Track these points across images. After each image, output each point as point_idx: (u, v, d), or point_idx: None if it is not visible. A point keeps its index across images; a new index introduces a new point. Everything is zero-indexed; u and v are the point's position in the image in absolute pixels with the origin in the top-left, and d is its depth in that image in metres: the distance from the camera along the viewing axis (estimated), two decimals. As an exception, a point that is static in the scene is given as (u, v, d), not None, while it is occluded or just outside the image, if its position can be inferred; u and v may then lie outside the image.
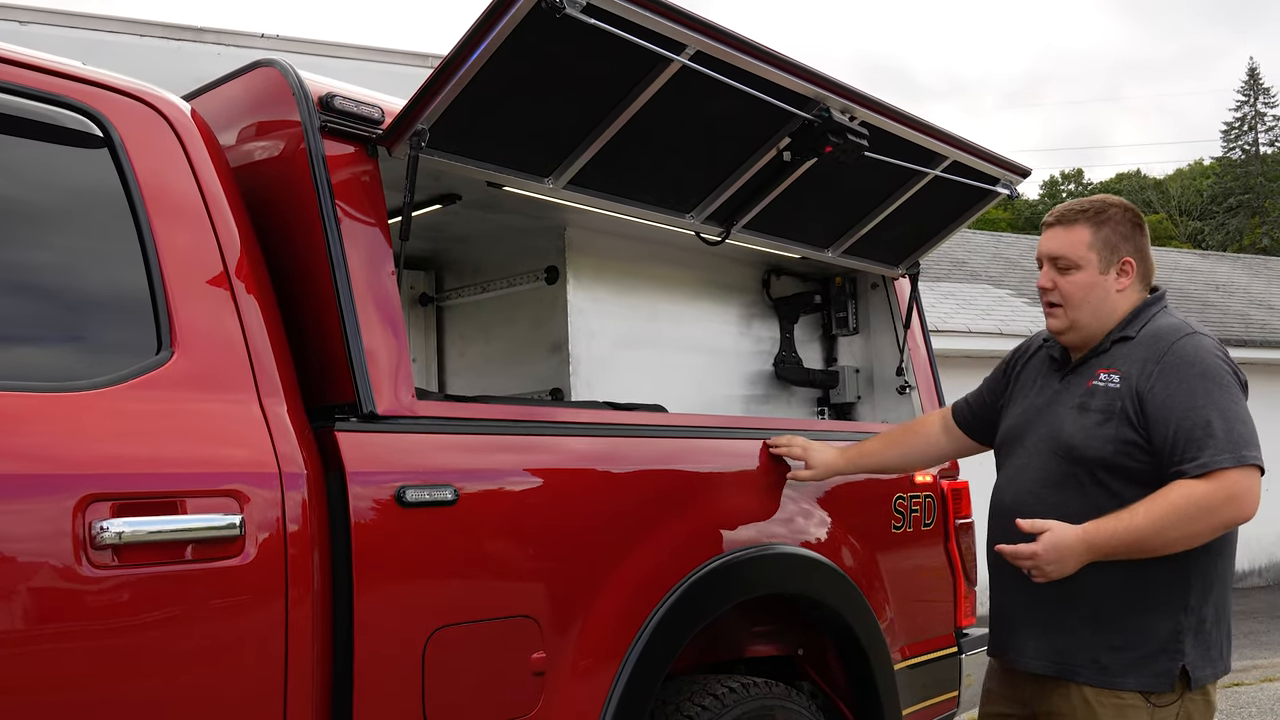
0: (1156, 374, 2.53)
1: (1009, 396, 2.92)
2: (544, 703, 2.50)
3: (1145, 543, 2.42)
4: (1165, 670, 2.50)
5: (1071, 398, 2.66)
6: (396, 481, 2.29)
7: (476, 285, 3.91)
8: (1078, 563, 2.43)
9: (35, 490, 1.86)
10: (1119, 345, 2.65)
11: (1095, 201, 2.73)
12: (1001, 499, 2.75)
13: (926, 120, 3.30)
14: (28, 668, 1.81)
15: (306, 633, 2.12)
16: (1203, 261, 19.19)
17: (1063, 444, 2.61)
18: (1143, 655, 2.51)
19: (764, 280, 4.15)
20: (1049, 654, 2.62)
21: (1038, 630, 2.64)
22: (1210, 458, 2.41)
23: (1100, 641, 2.54)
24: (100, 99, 2.19)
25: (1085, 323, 2.68)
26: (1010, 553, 2.46)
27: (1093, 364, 2.68)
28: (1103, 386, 2.60)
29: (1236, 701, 7.29)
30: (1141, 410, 2.52)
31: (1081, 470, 2.57)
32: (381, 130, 2.52)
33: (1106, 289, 2.67)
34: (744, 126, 3.01)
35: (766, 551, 3.05)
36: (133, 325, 2.12)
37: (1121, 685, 2.52)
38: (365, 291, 2.41)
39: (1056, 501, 2.58)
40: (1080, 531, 2.42)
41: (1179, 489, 2.42)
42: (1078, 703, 2.56)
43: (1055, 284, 2.70)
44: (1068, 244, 2.68)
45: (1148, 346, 2.60)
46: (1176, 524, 2.40)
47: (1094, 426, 2.57)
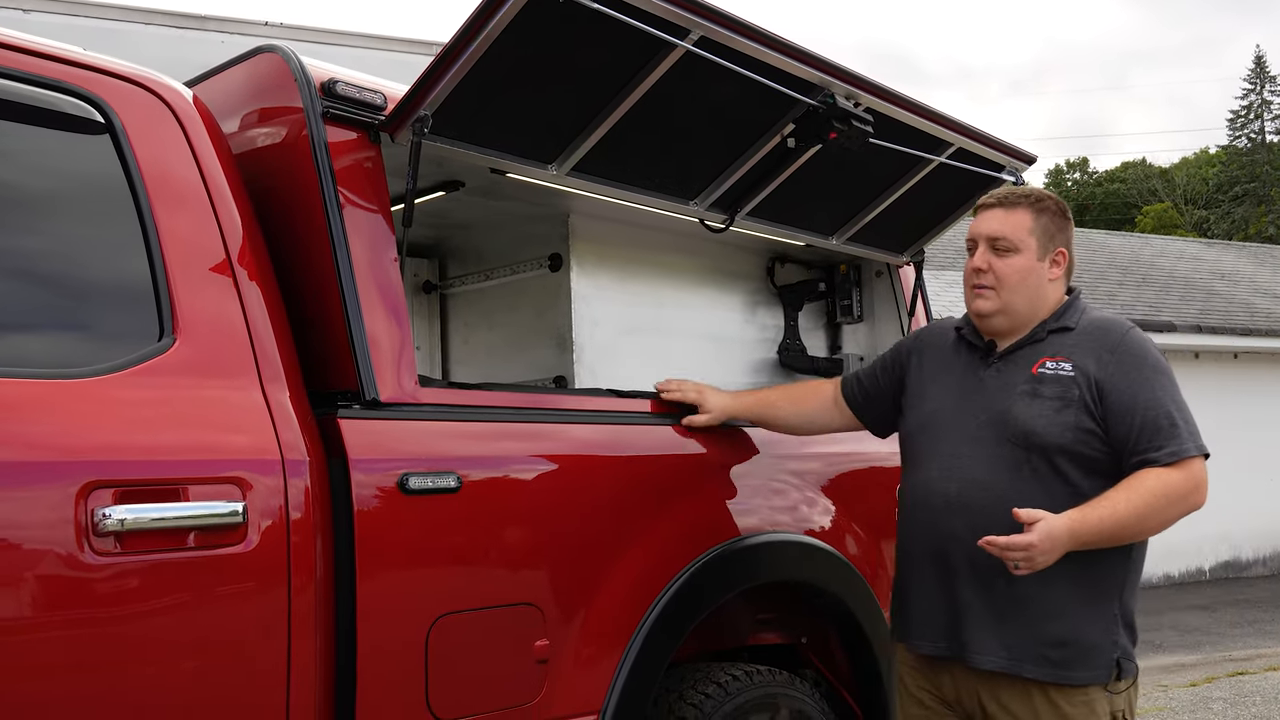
0: (1115, 365, 2.54)
1: (914, 385, 2.84)
2: (547, 690, 2.50)
3: (1126, 530, 2.44)
4: (1107, 662, 2.52)
5: (1013, 384, 2.61)
6: (399, 469, 2.28)
7: (480, 273, 3.90)
8: (1061, 553, 2.39)
9: (38, 477, 1.86)
10: (1057, 335, 2.64)
11: (1033, 190, 2.75)
12: (941, 489, 2.63)
13: (932, 106, 3.28)
14: (31, 655, 1.81)
15: (309, 620, 2.12)
16: (1208, 250, 19.14)
17: (1017, 430, 2.55)
18: (1090, 647, 2.51)
19: (768, 268, 4.14)
20: (990, 647, 2.55)
21: (988, 626, 2.55)
22: (1179, 446, 2.46)
23: (1051, 635, 2.51)
24: (102, 85, 2.18)
25: (1017, 308, 2.65)
26: (1004, 544, 2.35)
27: (1028, 352, 2.64)
28: (1052, 374, 2.57)
29: (1241, 690, 7.29)
30: (1101, 400, 2.52)
31: (1038, 457, 2.53)
32: (384, 116, 2.51)
33: (1040, 276, 2.67)
34: (748, 112, 3.00)
35: (770, 539, 3.04)
36: (135, 312, 2.12)
37: (1080, 680, 2.50)
38: (368, 278, 2.40)
39: (1012, 490, 2.51)
40: (1068, 520, 2.38)
41: (1154, 476, 2.44)
42: (1042, 705, 2.51)
43: (991, 265, 2.66)
44: (1010, 226, 2.66)
45: (1095, 338, 2.60)
46: (1156, 511, 2.43)
47: (1052, 413, 2.53)
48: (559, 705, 2.53)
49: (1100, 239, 18.52)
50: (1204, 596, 11.83)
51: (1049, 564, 2.38)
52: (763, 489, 3.13)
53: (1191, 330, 12.81)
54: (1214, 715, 6.61)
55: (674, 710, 2.85)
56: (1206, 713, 6.68)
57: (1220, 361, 13.44)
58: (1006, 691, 2.55)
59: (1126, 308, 13.23)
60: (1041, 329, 2.65)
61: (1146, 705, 6.91)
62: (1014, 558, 2.36)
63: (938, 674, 2.70)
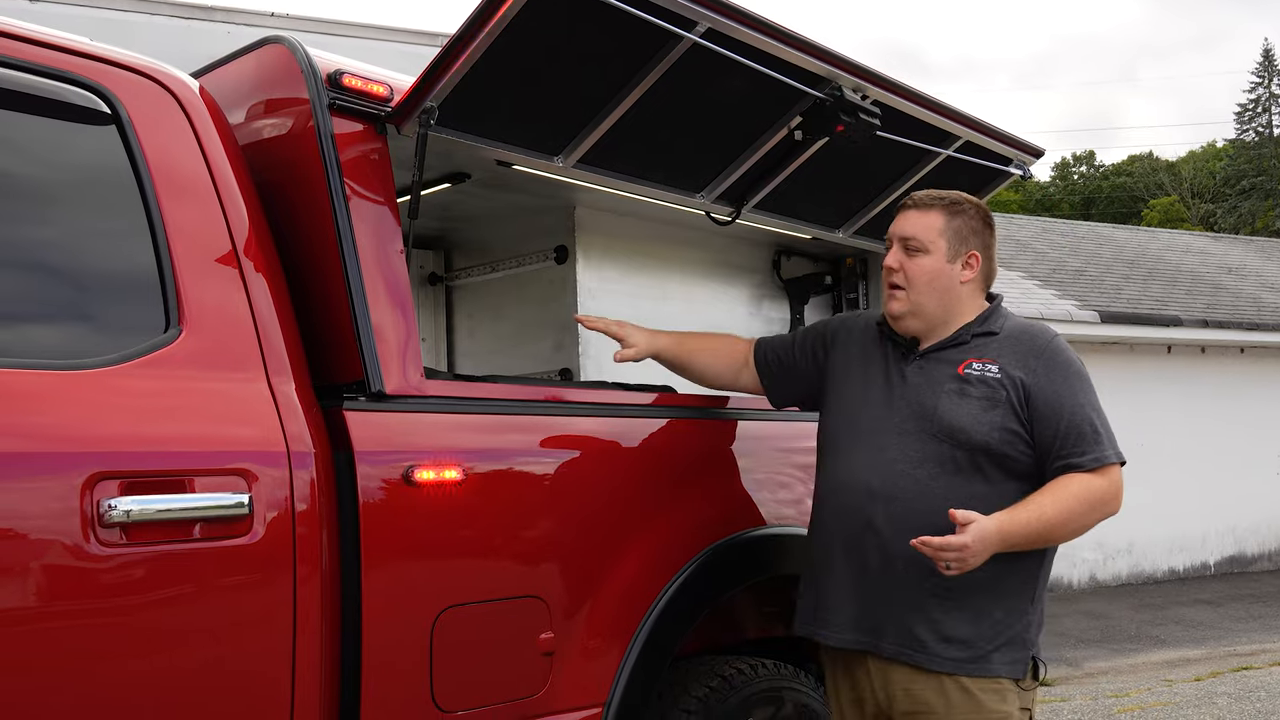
0: (1041, 370, 2.58)
1: (835, 375, 2.84)
2: (552, 683, 2.50)
3: (1050, 533, 2.49)
4: (1022, 659, 2.57)
5: (938, 382, 2.63)
6: (405, 461, 2.28)
7: (486, 265, 3.89)
8: (990, 554, 2.42)
9: (44, 468, 1.86)
10: (981, 339, 2.67)
11: (953, 194, 2.77)
12: (863, 480, 2.63)
13: (939, 99, 3.27)
14: (37, 644, 1.81)
15: (314, 612, 2.12)
16: (1215, 244, 19.08)
17: (943, 427, 2.57)
18: (1005, 643, 2.54)
19: (774, 261, 4.13)
20: (904, 640, 2.56)
21: (902, 619, 2.57)
22: (1101, 453, 2.53)
23: (967, 629, 2.53)
24: (108, 75, 2.18)
25: (927, 309, 2.67)
26: (939, 544, 2.37)
27: (953, 353, 2.66)
28: (979, 375, 2.60)
29: (1246, 685, 7.29)
30: (1027, 403, 2.55)
31: (963, 454, 2.55)
32: (390, 108, 2.51)
33: (951, 278, 2.68)
34: (755, 105, 2.99)
35: (775, 532, 3.04)
36: (141, 303, 2.12)
37: (995, 672, 2.53)
38: (374, 270, 2.40)
39: (936, 485, 2.55)
40: (996, 522, 2.41)
41: (1078, 482, 2.50)
42: (956, 695, 2.53)
43: (902, 265, 2.69)
44: (920, 227, 2.69)
45: (1020, 343, 2.64)
46: (1079, 515, 2.50)
47: (980, 412, 2.56)
48: (563, 698, 2.53)
49: (1107, 232, 18.48)
50: (1209, 591, 11.81)
51: (978, 564, 2.41)
52: (768, 482, 3.13)
53: (1198, 324, 12.77)
54: (1219, 710, 6.60)
55: (678, 704, 2.85)
56: (1211, 707, 6.67)
57: (1227, 356, 13.40)
58: (919, 683, 2.56)
59: (1133, 302, 13.19)
60: (965, 332, 2.68)
61: (1152, 700, 6.91)
62: (948, 558, 2.38)
63: (853, 669, 2.70)
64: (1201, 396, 12.85)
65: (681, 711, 2.84)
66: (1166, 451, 12.34)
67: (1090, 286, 13.65)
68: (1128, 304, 13.02)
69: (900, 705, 2.60)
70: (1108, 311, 12.26)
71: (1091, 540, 11.96)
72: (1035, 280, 13.47)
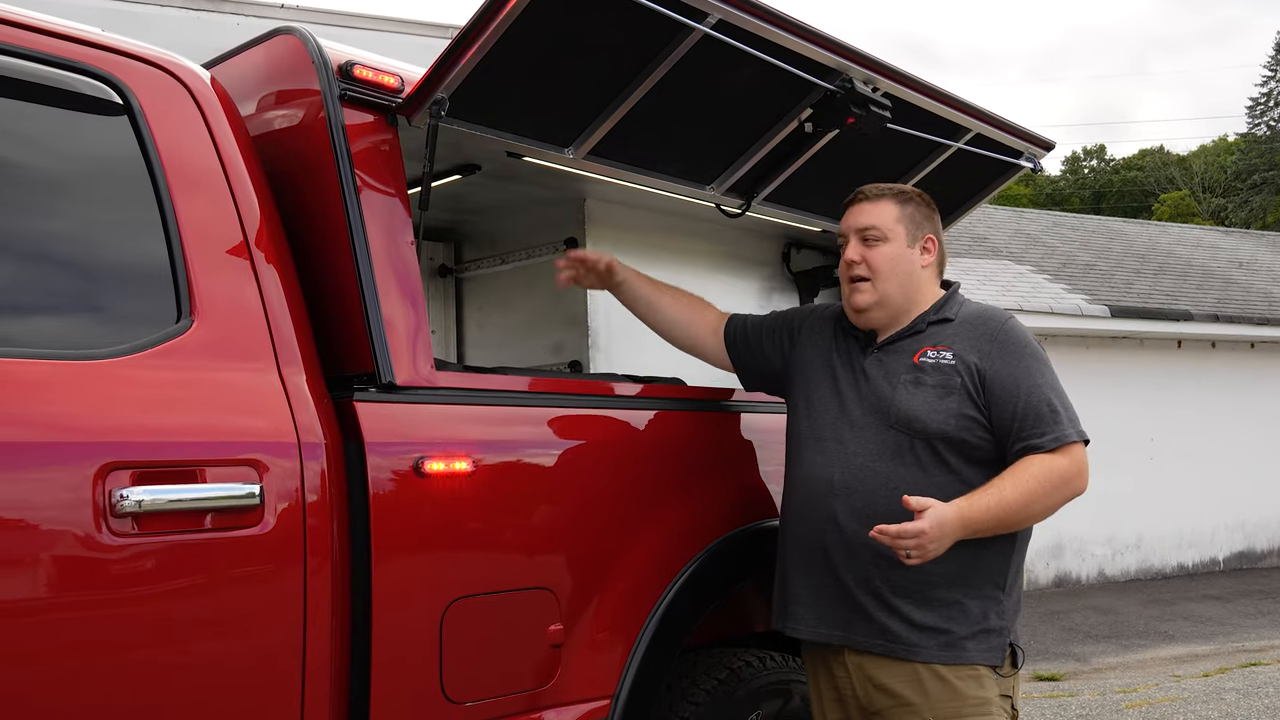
0: (996, 353, 2.58)
1: (797, 369, 2.84)
2: (561, 674, 2.51)
3: (1014, 516, 2.48)
4: (998, 645, 2.56)
5: (894, 374, 2.64)
6: (415, 452, 2.28)
7: (496, 257, 3.89)
8: (952, 541, 2.41)
9: (56, 458, 1.87)
10: (936, 327, 2.67)
11: (896, 185, 2.82)
12: (825, 474, 2.64)
13: (950, 92, 3.26)
14: (49, 634, 1.82)
15: (325, 602, 2.13)
16: (1226, 239, 19.01)
17: (899, 417, 2.58)
18: (978, 631, 2.54)
19: (784, 253, 4.13)
20: (874, 631, 2.56)
21: (870, 611, 2.57)
22: (1061, 432, 2.51)
23: (927, 620, 2.53)
24: (120, 66, 2.18)
25: (892, 298, 2.68)
26: (896, 533, 2.36)
27: (909, 343, 2.67)
28: (933, 363, 2.61)
29: (1254, 681, 7.27)
30: (983, 387, 2.56)
31: (921, 444, 2.56)
32: (401, 99, 2.50)
33: (913, 263, 2.71)
34: (765, 97, 2.99)
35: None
36: (152, 294, 2.12)
37: (971, 659, 2.53)
38: (384, 262, 2.40)
39: (896, 477, 2.55)
40: (956, 508, 2.41)
41: (1038, 463, 2.49)
42: (932, 684, 2.52)
43: (864, 257, 2.70)
44: (876, 216, 2.71)
45: (974, 327, 2.64)
46: (1041, 496, 2.48)
47: (935, 400, 2.56)
48: (572, 690, 2.53)
49: (1117, 227, 18.42)
50: (1218, 587, 11.78)
51: (940, 552, 2.40)
52: (775, 474, 3.12)
53: (1208, 319, 12.73)
54: (1227, 706, 6.59)
55: (687, 696, 2.85)
56: (1219, 703, 6.66)
57: (1237, 351, 13.36)
58: (895, 675, 2.55)
59: (1143, 296, 13.15)
60: (921, 320, 2.69)
61: (1160, 695, 6.90)
62: (905, 546, 2.37)
63: (830, 666, 2.70)
64: (1211, 392, 12.81)
65: (689, 703, 2.84)
66: (1176, 446, 12.32)
67: (1100, 281, 13.61)
68: (1138, 298, 12.98)
69: (877, 701, 2.59)
70: (1118, 306, 12.22)
71: (1100, 535, 11.96)
72: (1045, 274, 13.43)
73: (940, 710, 2.52)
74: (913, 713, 2.54)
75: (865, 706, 2.62)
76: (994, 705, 2.54)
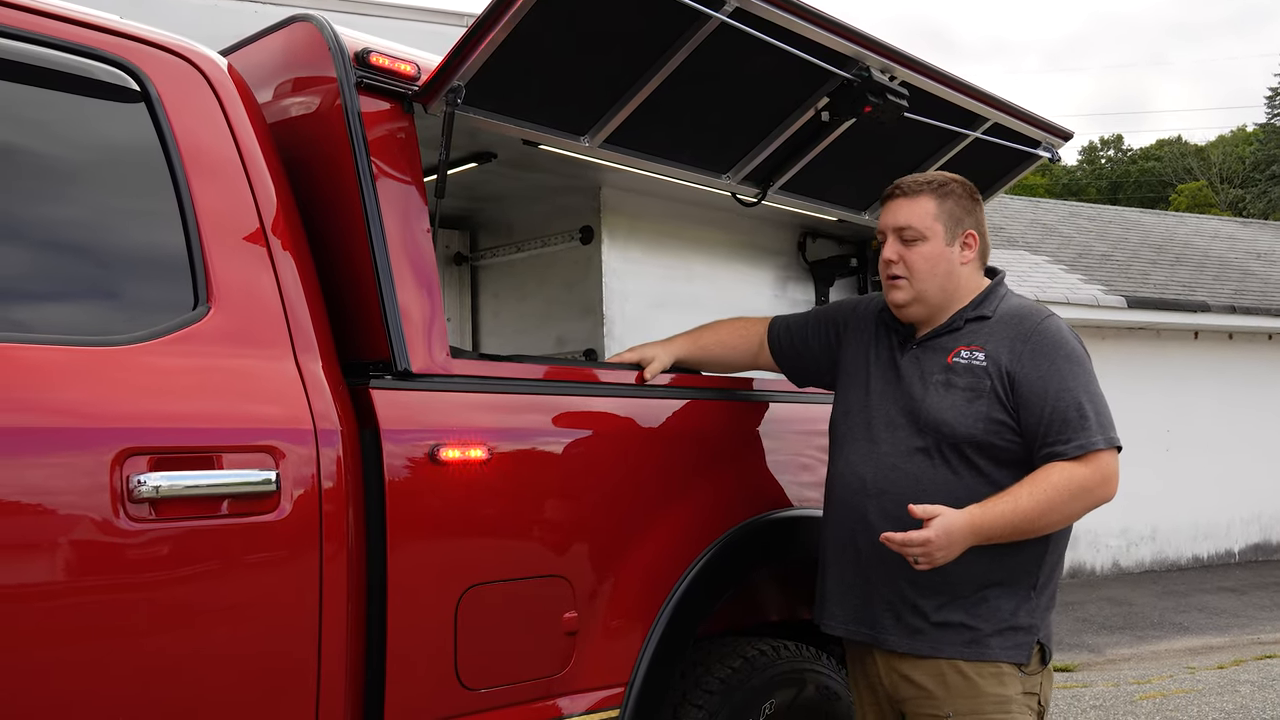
0: (1027, 355, 2.53)
1: (846, 360, 2.84)
2: (575, 662, 2.52)
3: (1029, 525, 2.44)
4: (1025, 643, 2.54)
5: (928, 374, 2.61)
6: (430, 440, 2.29)
7: (511, 245, 3.89)
8: (964, 547, 2.40)
9: (74, 444, 1.88)
10: (974, 324, 2.63)
11: (939, 176, 2.73)
12: (859, 472, 2.65)
13: (968, 81, 3.24)
14: (68, 619, 1.83)
15: (340, 589, 2.14)
16: (1244, 230, 18.89)
17: (929, 420, 2.56)
18: (1004, 628, 2.52)
19: (799, 243, 4.11)
20: (902, 630, 2.57)
21: (889, 606, 2.58)
22: (1086, 439, 2.46)
23: (954, 618, 2.52)
24: (138, 53, 2.18)
25: (931, 296, 2.65)
26: (901, 540, 2.38)
27: (946, 341, 2.64)
28: (965, 364, 2.57)
29: (1269, 674, 7.25)
30: (1012, 390, 2.52)
31: (949, 448, 2.54)
32: (418, 87, 2.50)
33: (952, 262, 2.66)
34: (782, 86, 2.98)
35: (797, 514, 3.04)
36: (169, 281, 2.13)
37: (993, 656, 2.51)
38: (400, 249, 2.40)
39: (926, 479, 2.54)
40: (968, 516, 2.39)
41: (1059, 471, 2.45)
42: (954, 679, 2.52)
43: (901, 256, 2.66)
44: (914, 214, 2.66)
45: (1010, 326, 2.59)
46: (1059, 505, 2.44)
47: (964, 404, 2.54)
48: (586, 677, 2.54)
49: (1134, 217, 18.33)
50: (1233, 579, 11.74)
51: (950, 559, 2.39)
52: (790, 464, 3.13)
53: (1226, 311, 12.66)
54: (1241, 698, 6.57)
55: (701, 684, 2.86)
56: (1234, 695, 6.64)
57: (1255, 342, 13.28)
58: (919, 668, 2.56)
59: (1160, 287, 13.09)
60: (959, 317, 2.65)
61: (1174, 687, 6.89)
62: (912, 553, 2.38)
63: (863, 657, 2.72)
64: (1228, 383, 12.75)
65: (703, 691, 2.84)
66: (1192, 438, 12.26)
67: (1117, 271, 13.55)
68: (1155, 289, 12.92)
69: (902, 691, 2.61)
70: (1134, 297, 12.17)
71: (1115, 527, 11.93)
72: (1062, 265, 13.38)
73: (960, 705, 2.52)
74: (934, 705, 2.55)
75: (892, 695, 2.65)
76: (1015, 704, 2.53)
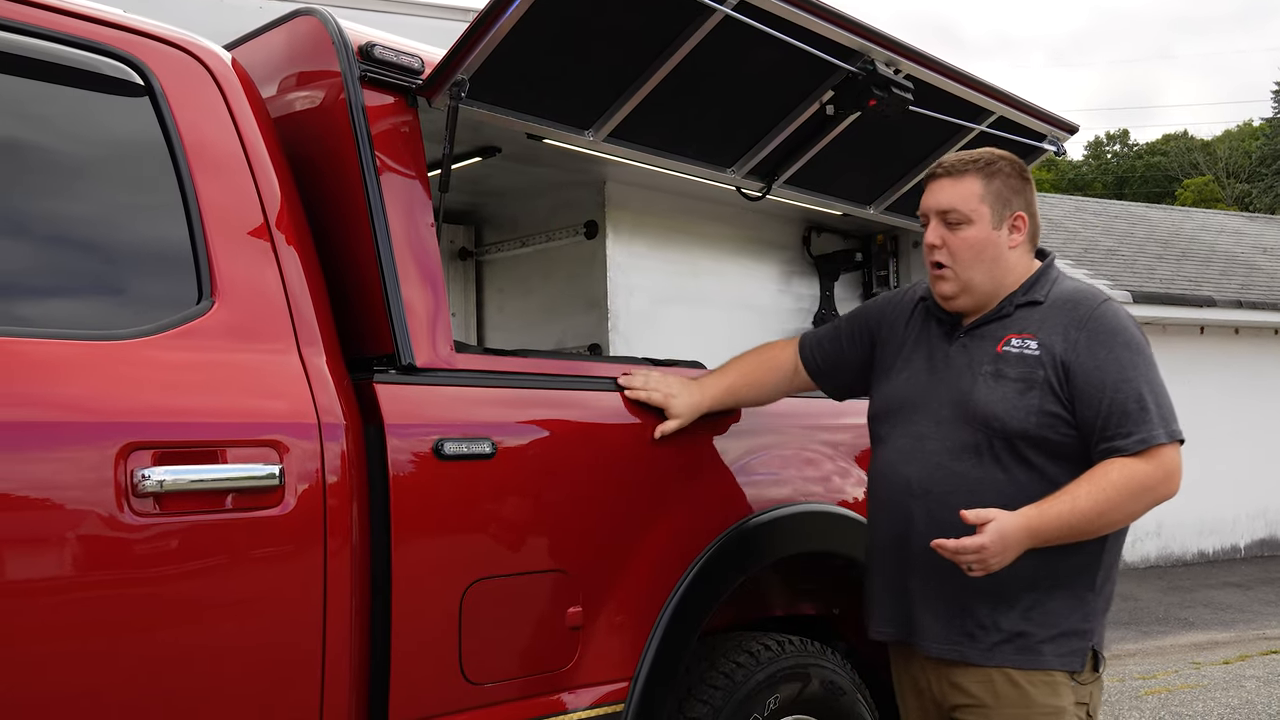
0: (1082, 342, 2.37)
1: (884, 356, 2.68)
2: (580, 656, 2.51)
3: (1088, 526, 2.29)
4: (1080, 649, 2.40)
5: (977, 364, 2.45)
6: (435, 434, 2.29)
7: (516, 240, 3.90)
8: (1019, 552, 2.26)
9: (78, 438, 1.88)
10: (1025, 310, 2.47)
11: (984, 153, 2.53)
12: (903, 471, 2.49)
13: (973, 74, 3.24)
14: (72, 613, 1.83)
15: (345, 583, 2.14)
16: (1250, 224, 18.86)
17: (978, 414, 2.39)
18: (1058, 634, 2.38)
19: (804, 237, 4.11)
20: (953, 637, 2.43)
21: (939, 612, 2.44)
22: (1147, 433, 2.30)
23: (1009, 624, 2.38)
24: (142, 47, 2.18)
25: (979, 284, 2.47)
26: (955, 548, 2.22)
27: (995, 327, 2.47)
28: (1017, 353, 2.41)
29: (1275, 669, 7.25)
30: (1067, 381, 2.36)
31: (1000, 443, 2.38)
32: (421, 81, 2.50)
33: (999, 246, 2.48)
34: (787, 79, 2.97)
35: (802, 509, 3.03)
36: (173, 275, 2.13)
37: (1046, 664, 2.38)
38: (404, 244, 2.40)
39: (974, 477, 2.39)
40: (1024, 519, 2.25)
41: (1118, 467, 2.29)
42: (1004, 688, 2.39)
43: (944, 241, 2.48)
44: (958, 196, 2.47)
45: (1064, 312, 2.43)
46: (1120, 505, 2.29)
47: (1015, 396, 2.37)
48: (591, 672, 2.54)
49: (1140, 212, 18.30)
50: (1239, 574, 11.73)
51: (1004, 564, 2.26)
52: (795, 459, 3.12)
53: (1232, 306, 12.64)
54: (1247, 693, 6.56)
55: (706, 679, 2.86)
56: (1240, 690, 6.63)
57: (1261, 337, 13.26)
58: (968, 676, 2.44)
59: (1166, 282, 13.06)
60: (1009, 303, 2.48)
61: (1179, 682, 6.88)
62: (966, 560, 2.24)
63: (909, 660, 2.61)
64: (1234, 378, 12.72)
65: (708, 686, 2.84)
66: (1198, 433, 12.15)
67: (1123, 266, 13.52)
68: (1161, 284, 12.89)
69: (951, 697, 2.48)
70: (1141, 292, 12.14)
71: (1120, 521, 11.90)
72: (1068, 260, 13.36)
73: (1009, 714, 2.40)
74: (984, 715, 2.43)
75: (940, 702, 2.53)
76: (1068, 715, 2.40)
